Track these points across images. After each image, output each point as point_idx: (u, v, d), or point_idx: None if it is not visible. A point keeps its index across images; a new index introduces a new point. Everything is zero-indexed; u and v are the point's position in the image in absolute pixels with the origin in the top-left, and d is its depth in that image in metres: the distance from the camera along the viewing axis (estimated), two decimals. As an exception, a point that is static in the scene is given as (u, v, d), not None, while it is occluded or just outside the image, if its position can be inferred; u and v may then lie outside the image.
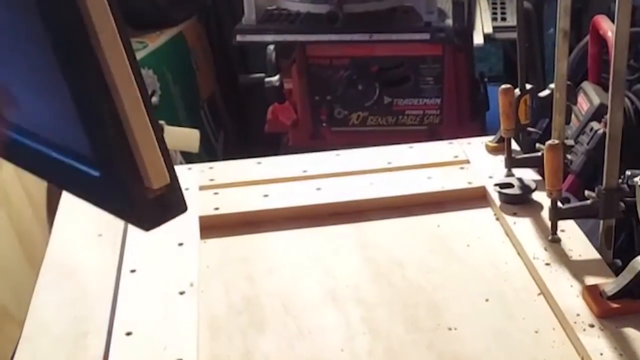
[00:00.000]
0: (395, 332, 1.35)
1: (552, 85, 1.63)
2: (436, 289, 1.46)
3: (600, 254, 1.48)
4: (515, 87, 1.71)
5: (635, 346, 1.26)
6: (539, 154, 1.64)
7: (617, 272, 1.42)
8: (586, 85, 2.66)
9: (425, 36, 3.02)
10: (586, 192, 1.49)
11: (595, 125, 2.49)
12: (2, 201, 2.38)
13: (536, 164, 1.69)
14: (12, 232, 2.34)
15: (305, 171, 1.80)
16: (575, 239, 1.53)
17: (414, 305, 1.41)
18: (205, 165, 1.86)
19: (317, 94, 3.19)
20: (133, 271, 1.49)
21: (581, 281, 1.40)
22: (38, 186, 2.62)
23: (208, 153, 3.61)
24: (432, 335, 1.34)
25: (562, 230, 1.53)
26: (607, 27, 2.58)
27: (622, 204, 1.46)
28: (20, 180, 2.46)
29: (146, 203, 0.78)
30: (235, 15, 3.42)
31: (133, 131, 0.76)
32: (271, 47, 3.07)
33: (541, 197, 1.63)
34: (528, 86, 1.74)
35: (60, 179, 0.87)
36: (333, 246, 1.59)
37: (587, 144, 2.48)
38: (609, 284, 1.36)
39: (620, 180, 1.45)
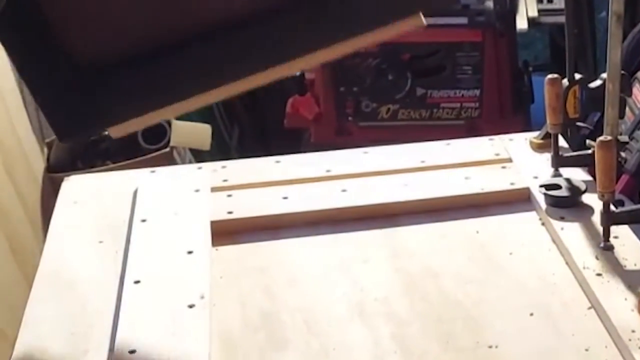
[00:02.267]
0: (429, 351, 1.35)
1: (604, 75, 1.63)
2: (475, 302, 1.46)
3: (658, 263, 1.48)
4: (563, 77, 1.71)
5: (698, 366, 1.26)
6: (590, 151, 1.64)
7: (677, 284, 1.42)
8: (642, 75, 2.66)
9: (463, 20, 3.02)
10: (642, 195, 1.49)
11: (652, 119, 2.48)
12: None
13: (586, 163, 1.69)
14: (3, 237, 2.36)
15: (329, 171, 1.81)
16: (629, 247, 1.52)
17: (450, 321, 1.41)
18: (217, 164, 1.86)
19: (343, 85, 3.20)
20: (137, 282, 1.49)
21: (636, 294, 1.40)
22: (32, 188, 2.64)
23: (221, 150, 3.62)
24: (471, 355, 1.34)
25: (616, 237, 1.53)
26: (666, 10, 2.57)
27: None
28: (13, 182, 2.47)
29: None
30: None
31: None
32: (291, 32, 3.07)
33: (592, 200, 1.63)
34: (577, 76, 1.74)
35: None
36: (360, 254, 1.59)
37: (644, 140, 2.47)
38: (669, 297, 1.36)
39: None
